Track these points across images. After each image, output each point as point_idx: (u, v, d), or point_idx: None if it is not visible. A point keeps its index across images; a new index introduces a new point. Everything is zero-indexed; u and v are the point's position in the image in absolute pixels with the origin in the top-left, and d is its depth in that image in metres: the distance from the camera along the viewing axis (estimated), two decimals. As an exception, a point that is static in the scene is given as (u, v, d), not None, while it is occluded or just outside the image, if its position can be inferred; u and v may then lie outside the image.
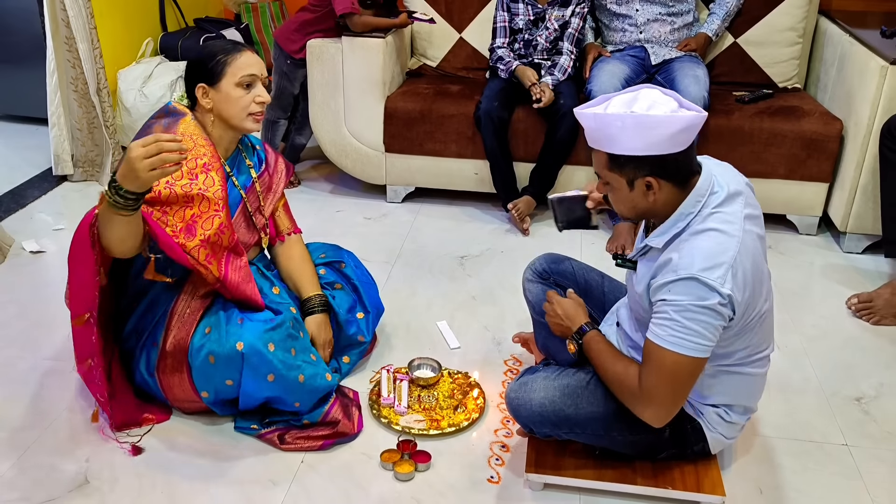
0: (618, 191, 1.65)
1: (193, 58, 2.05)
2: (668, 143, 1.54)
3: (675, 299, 1.56)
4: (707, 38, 3.32)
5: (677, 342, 1.56)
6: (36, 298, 2.65)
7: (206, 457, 1.97)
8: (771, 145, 3.08)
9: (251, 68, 2.00)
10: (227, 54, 2.00)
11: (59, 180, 3.54)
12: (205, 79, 2.00)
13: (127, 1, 3.96)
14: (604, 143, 1.60)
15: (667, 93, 1.60)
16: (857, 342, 2.51)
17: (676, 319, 1.55)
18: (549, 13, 3.21)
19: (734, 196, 1.62)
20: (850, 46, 3.10)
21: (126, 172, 1.67)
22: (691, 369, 1.59)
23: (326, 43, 3.25)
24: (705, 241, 1.56)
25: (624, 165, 1.60)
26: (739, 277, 1.55)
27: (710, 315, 1.54)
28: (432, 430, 2.05)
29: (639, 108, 1.55)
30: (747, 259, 1.57)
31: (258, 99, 2.00)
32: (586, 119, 1.62)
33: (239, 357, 1.88)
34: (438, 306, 2.64)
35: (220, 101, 2.00)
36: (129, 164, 1.65)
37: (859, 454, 2.03)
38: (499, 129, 3.13)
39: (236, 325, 1.93)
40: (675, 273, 1.56)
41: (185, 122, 2.00)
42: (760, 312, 1.66)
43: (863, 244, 3.07)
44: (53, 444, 1.99)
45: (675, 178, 1.60)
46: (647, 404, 1.63)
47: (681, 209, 1.61)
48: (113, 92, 3.74)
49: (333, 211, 3.36)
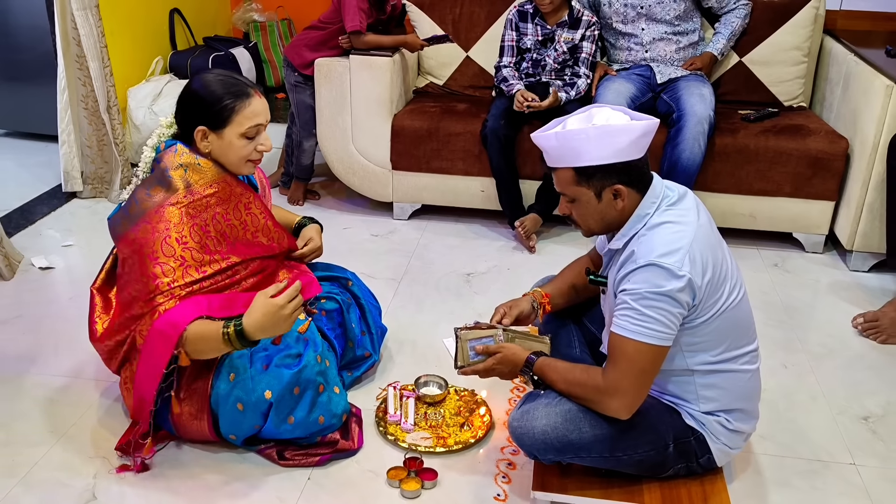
0: (585, 204, 1.72)
1: (195, 95, 1.92)
2: (632, 148, 1.64)
3: (632, 288, 1.63)
4: (712, 57, 3.34)
5: (637, 330, 1.62)
6: (44, 314, 2.66)
7: (212, 473, 1.97)
8: (776, 164, 3.09)
9: (258, 118, 1.92)
10: (234, 100, 1.89)
11: (69, 197, 3.56)
12: (207, 122, 1.91)
13: (137, 19, 4.01)
14: (569, 158, 1.67)
15: (616, 108, 1.70)
16: (864, 361, 2.51)
17: (635, 308, 1.62)
18: (558, 34, 3.24)
19: (685, 195, 1.74)
20: (856, 66, 3.11)
21: (268, 326, 1.75)
22: (652, 357, 1.64)
23: (334, 61, 3.28)
24: (662, 231, 1.66)
25: (591, 177, 1.67)
26: (698, 261, 1.62)
27: (667, 302, 1.60)
28: (439, 447, 2.05)
29: (598, 122, 1.65)
30: (704, 244, 1.65)
31: (260, 147, 1.96)
32: (548, 140, 1.69)
33: (267, 405, 1.90)
34: (445, 323, 2.64)
35: (220, 147, 1.93)
36: (278, 319, 1.73)
37: (867, 473, 2.02)
38: (505, 147, 3.14)
39: (261, 372, 1.92)
40: (634, 263, 1.64)
41: (181, 178, 1.91)
42: (730, 302, 1.70)
43: (869, 262, 3.07)
44: (61, 461, 2.00)
45: (638, 184, 1.69)
46: (612, 395, 1.67)
47: (638, 211, 1.70)
48: (123, 109, 3.78)
49: (340, 228, 3.37)
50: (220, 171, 1.97)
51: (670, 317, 1.62)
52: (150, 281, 1.86)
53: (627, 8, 3.27)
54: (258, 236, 2.04)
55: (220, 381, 1.92)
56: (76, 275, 2.96)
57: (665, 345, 1.64)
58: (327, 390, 1.99)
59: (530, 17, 3.26)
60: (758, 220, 3.21)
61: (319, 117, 3.38)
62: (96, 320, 2.02)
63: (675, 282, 1.59)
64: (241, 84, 1.93)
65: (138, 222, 1.91)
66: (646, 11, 3.26)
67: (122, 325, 1.94)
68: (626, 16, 3.28)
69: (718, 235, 1.75)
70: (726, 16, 3.37)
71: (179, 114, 1.98)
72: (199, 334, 1.81)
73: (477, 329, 1.92)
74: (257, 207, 2.03)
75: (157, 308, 1.85)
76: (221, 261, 1.96)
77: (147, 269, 1.86)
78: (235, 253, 1.99)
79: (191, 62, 4.20)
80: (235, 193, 1.99)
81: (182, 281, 1.88)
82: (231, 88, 1.91)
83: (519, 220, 3.20)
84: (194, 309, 1.85)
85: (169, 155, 1.95)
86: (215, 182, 1.96)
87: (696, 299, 1.63)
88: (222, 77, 1.93)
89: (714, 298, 1.67)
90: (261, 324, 1.74)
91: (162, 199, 1.90)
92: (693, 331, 1.69)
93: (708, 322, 1.68)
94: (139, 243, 1.89)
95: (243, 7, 4.86)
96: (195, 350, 1.83)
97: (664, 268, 1.60)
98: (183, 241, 1.89)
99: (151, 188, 1.93)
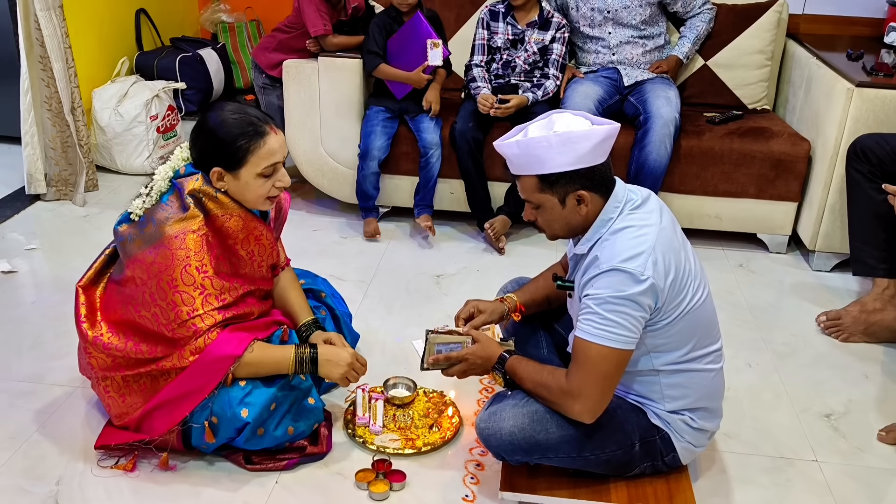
0: (550, 210, 1.73)
1: (209, 135, 1.87)
2: (594, 153, 1.65)
3: (595, 293, 1.64)
4: (678, 61, 3.38)
5: (600, 334, 1.63)
6: (7, 319, 2.61)
7: (179, 478, 1.95)
8: (741, 165, 3.14)
9: (275, 156, 1.87)
10: (249, 140, 1.84)
11: (32, 199, 3.51)
12: (222, 163, 1.86)
13: (102, 20, 3.96)
14: (533, 166, 1.68)
15: (577, 113, 1.71)
16: (827, 359, 2.55)
17: (598, 312, 1.63)
18: (528, 35, 3.25)
19: (648, 198, 1.76)
20: (818, 69, 3.17)
21: (330, 370, 1.97)
22: (616, 361, 1.66)
23: (302, 63, 3.27)
24: (624, 236, 1.67)
25: (555, 184, 1.68)
26: (660, 264, 1.63)
27: (630, 306, 1.62)
28: (407, 449, 2.05)
29: (559, 128, 1.65)
30: (667, 247, 1.67)
31: (278, 184, 1.91)
32: (510, 148, 1.70)
33: (243, 423, 1.89)
34: (414, 325, 2.64)
35: (237, 187, 1.89)
36: (342, 370, 1.97)
37: (829, 470, 2.06)
38: (474, 149, 3.15)
39: (239, 389, 1.90)
40: (597, 268, 1.65)
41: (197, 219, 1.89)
42: (694, 303, 1.72)
43: (832, 262, 3.12)
44: (23, 467, 1.97)
45: (602, 188, 1.71)
46: (575, 398, 1.69)
47: (601, 216, 1.71)
48: (87, 111, 3.73)
49: (310, 230, 3.36)
50: (238, 205, 1.94)
51: (632, 321, 1.63)
52: (172, 309, 1.86)
53: (594, 12, 3.29)
54: (262, 266, 2.04)
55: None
56: (40, 278, 2.91)
57: (628, 348, 1.66)
58: (301, 403, 1.98)
59: (501, 16, 3.27)
60: (723, 221, 3.25)
61: (288, 119, 3.37)
62: (83, 321, 1.98)
63: (637, 286, 1.61)
64: (255, 122, 1.86)
65: (156, 246, 1.87)
66: (612, 16, 3.29)
67: (153, 345, 1.90)
68: (594, 20, 3.31)
69: (682, 237, 1.77)
70: (691, 20, 3.41)
71: (194, 150, 1.94)
72: (259, 359, 1.91)
73: (448, 334, 1.93)
74: (267, 238, 2.03)
75: (197, 333, 1.86)
76: (239, 288, 1.96)
77: (167, 297, 1.85)
78: (241, 283, 1.99)
79: (157, 63, 4.16)
80: (250, 227, 1.97)
81: (202, 310, 1.87)
82: (245, 128, 1.85)
83: (488, 221, 3.21)
84: (244, 335, 1.92)
85: (189, 182, 1.91)
86: (234, 214, 1.93)
87: (658, 302, 1.65)
88: (236, 115, 1.86)
89: (678, 300, 1.69)
90: (326, 358, 1.96)
91: (184, 227, 1.87)
92: (657, 332, 1.70)
93: (672, 323, 1.70)
94: (157, 268, 1.86)
95: (211, 8, 4.82)
96: (248, 373, 1.91)
97: (626, 272, 1.61)
98: (203, 269, 1.88)
99: (171, 212, 1.90)
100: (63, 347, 2.39)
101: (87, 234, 3.20)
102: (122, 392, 1.98)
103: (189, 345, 1.87)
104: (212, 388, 1.88)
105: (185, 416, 1.90)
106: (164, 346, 1.89)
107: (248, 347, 1.89)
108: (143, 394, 1.96)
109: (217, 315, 1.89)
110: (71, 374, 2.21)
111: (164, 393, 1.91)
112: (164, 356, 1.89)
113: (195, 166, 1.94)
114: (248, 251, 1.99)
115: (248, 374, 1.91)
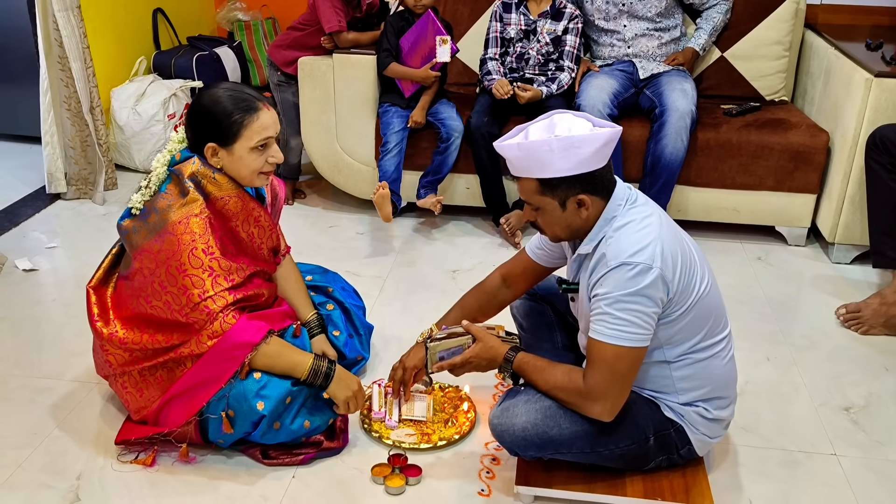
0: (550, 213, 1.71)
1: (203, 112, 1.92)
2: (594, 158, 1.63)
3: (605, 292, 1.63)
4: (694, 53, 3.35)
5: (614, 334, 1.63)
6: (28, 316, 2.65)
7: (197, 472, 1.97)
8: (759, 157, 3.11)
9: (268, 130, 1.91)
10: (243, 114, 1.89)
11: (53, 198, 3.55)
12: (216, 138, 1.91)
13: (120, 20, 3.99)
14: (533, 169, 1.66)
15: (578, 114, 1.68)
16: (846, 352, 2.53)
17: (610, 312, 1.62)
18: (540, 25, 3.24)
19: (639, 194, 1.76)
20: (836, 59, 3.13)
21: (339, 390, 1.97)
22: (632, 359, 1.65)
23: (317, 60, 3.28)
24: (629, 231, 1.66)
25: (556, 187, 1.67)
26: (668, 255, 1.63)
27: (642, 302, 1.61)
28: (423, 444, 2.05)
29: (560, 132, 1.62)
30: (670, 237, 1.66)
31: (271, 160, 1.95)
32: (510, 150, 1.68)
33: (259, 416, 1.90)
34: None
35: (231, 162, 1.93)
36: (348, 395, 1.97)
37: (848, 464, 2.04)
38: (489, 144, 3.14)
39: (255, 382, 1.91)
40: (605, 266, 1.64)
41: (197, 203, 1.92)
42: (702, 291, 1.71)
43: (851, 254, 3.09)
44: (44, 462, 2.00)
45: (602, 191, 1.69)
46: (595, 400, 1.68)
47: (604, 215, 1.71)
48: (106, 110, 3.76)
49: (326, 226, 3.37)
50: (235, 185, 1.97)
51: (645, 317, 1.63)
52: (183, 293, 1.88)
53: (609, 5, 3.28)
54: (262, 248, 2.07)
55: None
56: (60, 276, 2.95)
57: (643, 346, 1.65)
58: (316, 398, 2.00)
59: (514, 7, 3.27)
60: (741, 214, 3.22)
61: (304, 116, 3.38)
62: (97, 320, 2.01)
63: (647, 278, 1.60)
64: (248, 98, 1.92)
65: (161, 234, 1.90)
66: (627, 8, 3.27)
67: (169, 334, 1.93)
68: (608, 13, 3.29)
69: (678, 226, 1.78)
70: (708, 11, 3.39)
71: (189, 130, 1.98)
72: (278, 353, 1.93)
73: (447, 339, 1.92)
74: (265, 220, 2.05)
75: (211, 315, 1.88)
76: (246, 268, 1.98)
77: (177, 282, 1.88)
78: (248, 262, 2.01)
79: (175, 62, 4.19)
80: (248, 207, 2.00)
81: (213, 291, 1.88)
82: (239, 104, 1.90)
83: (504, 216, 3.21)
84: (261, 323, 1.93)
85: (187, 166, 1.95)
86: (232, 195, 1.96)
87: (669, 293, 1.64)
88: (230, 92, 1.91)
89: (689, 289, 1.68)
90: (340, 377, 1.97)
91: (186, 212, 1.90)
92: (671, 324, 1.70)
93: (685, 313, 1.69)
94: (165, 255, 1.89)
95: (227, 6, 4.84)
96: (263, 365, 1.92)
97: (636, 266, 1.61)
98: (210, 251, 1.90)
99: (172, 199, 1.92)
100: (83, 344, 2.41)
101: (106, 232, 3.24)
102: (140, 386, 2.00)
103: (206, 329, 1.88)
104: (228, 377, 1.89)
105: (202, 406, 1.91)
106: (181, 332, 1.91)
107: (265, 337, 1.91)
108: (160, 386, 1.98)
109: (228, 296, 1.90)
110: (90, 370, 2.24)
111: (182, 382, 1.93)
112: (181, 342, 1.91)
113: (190, 145, 1.98)
114: (248, 233, 2.02)
115: (263, 367, 1.92)
